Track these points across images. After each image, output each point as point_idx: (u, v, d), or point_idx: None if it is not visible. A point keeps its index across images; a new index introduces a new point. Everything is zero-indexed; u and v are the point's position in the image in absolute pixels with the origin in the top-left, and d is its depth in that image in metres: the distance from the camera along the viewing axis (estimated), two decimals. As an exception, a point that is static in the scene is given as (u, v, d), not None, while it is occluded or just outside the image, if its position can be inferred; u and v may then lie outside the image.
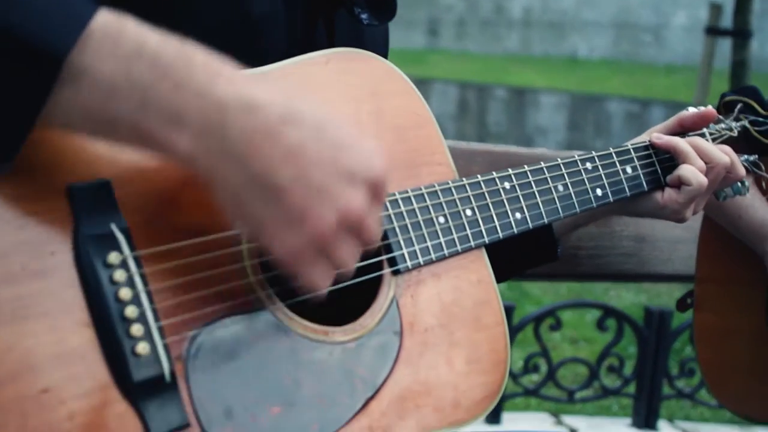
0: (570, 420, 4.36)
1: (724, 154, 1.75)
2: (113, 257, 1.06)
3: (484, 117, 20.01)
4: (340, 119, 1.09)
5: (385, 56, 1.65)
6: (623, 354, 4.35)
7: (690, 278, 2.34)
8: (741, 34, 6.31)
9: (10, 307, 1.00)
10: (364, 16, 1.48)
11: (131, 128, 0.98)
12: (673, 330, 4.07)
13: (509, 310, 3.86)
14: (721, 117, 1.91)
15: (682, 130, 1.81)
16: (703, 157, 1.73)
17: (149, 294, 1.09)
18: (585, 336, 5.46)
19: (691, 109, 1.82)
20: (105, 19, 0.97)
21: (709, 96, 9.43)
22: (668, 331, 4.05)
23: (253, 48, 1.32)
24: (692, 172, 1.70)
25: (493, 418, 3.96)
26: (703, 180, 1.70)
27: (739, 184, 1.86)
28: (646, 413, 4.08)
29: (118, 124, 0.97)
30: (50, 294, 1.03)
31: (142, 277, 1.09)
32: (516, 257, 1.72)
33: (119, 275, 1.07)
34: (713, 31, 6.65)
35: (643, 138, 1.82)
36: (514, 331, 3.89)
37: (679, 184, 1.72)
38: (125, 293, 1.07)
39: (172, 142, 0.99)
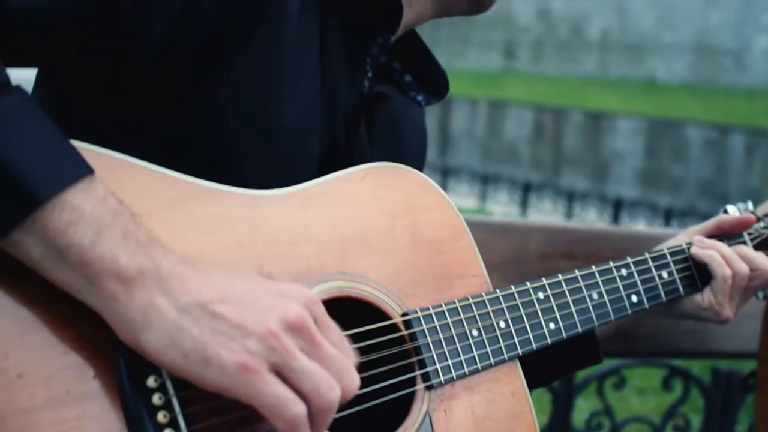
0: (634, 481, 4.27)
1: None
2: (152, 381, 1.09)
3: (559, 141, 19.92)
4: None
5: (424, 136, 1.65)
6: (692, 409, 4.26)
7: (755, 355, 2.28)
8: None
9: (54, 430, 1.03)
10: (420, 98, 1.50)
11: (80, 257, 1.02)
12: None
13: (572, 368, 3.78)
14: (760, 216, 1.89)
15: (720, 233, 1.80)
16: (749, 264, 1.73)
17: (186, 417, 1.11)
18: (653, 385, 5.36)
19: (731, 209, 1.82)
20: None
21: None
22: (737, 392, 3.95)
23: (285, 159, 1.33)
24: (719, 265, 1.71)
25: (555, 476, 3.90)
26: (728, 272, 1.70)
27: None
28: (713, 476, 3.98)
29: (70, 252, 1.02)
30: (92, 417, 1.07)
31: (180, 400, 1.11)
32: (558, 361, 1.71)
33: (157, 399, 1.09)
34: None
35: (680, 239, 1.81)
36: (577, 389, 3.82)
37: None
38: (163, 417, 1.09)
39: (116, 272, 1.03)
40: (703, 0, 22.95)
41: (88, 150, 1.11)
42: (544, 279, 1.52)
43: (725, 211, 1.85)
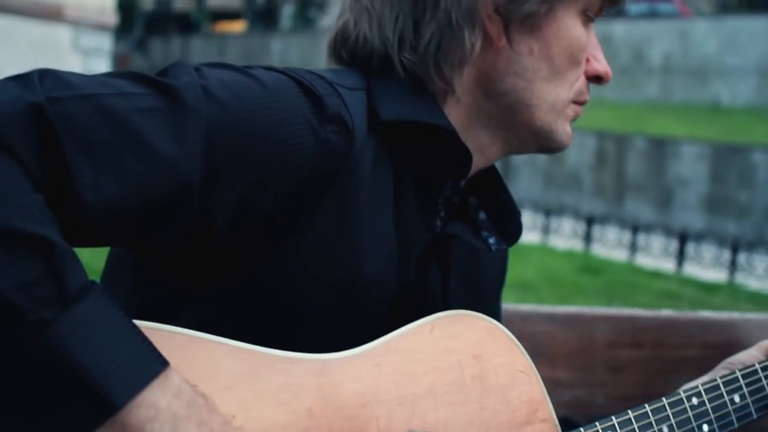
0: None
1: None
2: None
3: (622, 167, 19.74)
4: None
5: (504, 274, 1.66)
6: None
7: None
8: None
9: None
10: (491, 240, 1.48)
11: None
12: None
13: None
14: None
15: None
16: None
17: None
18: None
19: None
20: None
21: None
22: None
23: (361, 308, 1.35)
24: None
25: None
26: None
27: None
28: None
29: None
30: None
31: None
32: None
33: None
34: None
35: (753, 356, 1.78)
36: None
37: None
38: None
39: None
40: (766, 22, 22.62)
41: (163, 330, 1.16)
42: (613, 418, 1.51)
43: None
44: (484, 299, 1.55)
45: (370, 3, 1.37)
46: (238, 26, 47.04)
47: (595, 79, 1.46)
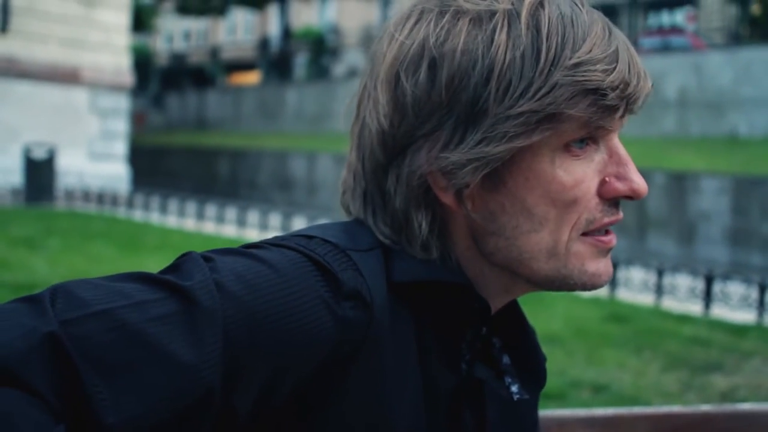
0: None
1: None
2: None
3: (643, 204, 19.64)
4: None
5: (536, 423, 1.62)
6: None
7: None
8: None
9: None
10: (514, 388, 1.42)
11: None
12: None
13: None
14: None
15: None
16: None
17: None
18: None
19: None
20: None
21: None
22: None
23: None
24: None
25: None
26: None
27: None
28: None
29: None
30: None
31: None
32: None
33: None
34: None
35: None
36: None
37: None
38: None
39: None
40: (781, 52, 22.62)
41: None
42: None
43: None
44: None
45: (351, 165, 1.36)
46: (252, 77, 47.44)
47: (625, 197, 1.29)
